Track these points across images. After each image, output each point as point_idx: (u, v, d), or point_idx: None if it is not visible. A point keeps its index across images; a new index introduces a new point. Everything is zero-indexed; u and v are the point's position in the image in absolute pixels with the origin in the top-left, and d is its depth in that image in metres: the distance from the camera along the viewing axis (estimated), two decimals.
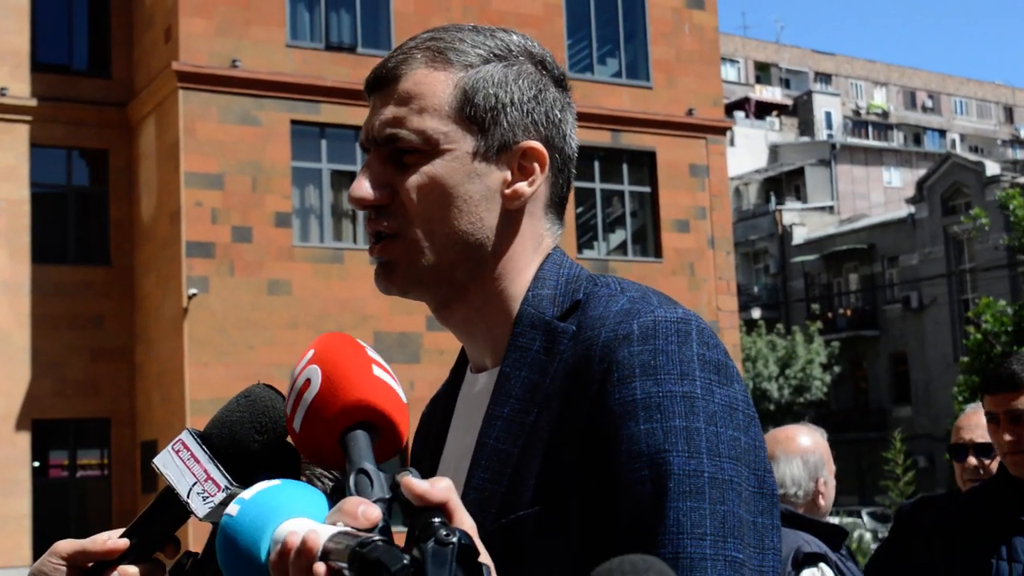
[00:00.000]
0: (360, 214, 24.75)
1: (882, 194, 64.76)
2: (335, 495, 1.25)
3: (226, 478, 1.44)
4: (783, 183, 63.56)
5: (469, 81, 1.60)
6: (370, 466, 1.25)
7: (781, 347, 47.02)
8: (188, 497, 1.44)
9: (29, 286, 24.62)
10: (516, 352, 1.57)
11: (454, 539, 1.11)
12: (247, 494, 1.24)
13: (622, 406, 1.44)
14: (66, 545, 1.48)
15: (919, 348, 51.22)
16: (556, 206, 1.67)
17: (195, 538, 16.68)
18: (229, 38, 23.61)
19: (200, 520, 1.46)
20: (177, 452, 1.46)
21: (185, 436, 1.47)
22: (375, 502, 1.19)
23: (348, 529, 1.15)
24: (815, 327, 48.41)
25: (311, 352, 1.37)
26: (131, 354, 25.16)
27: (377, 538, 1.11)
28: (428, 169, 1.59)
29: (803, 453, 4.09)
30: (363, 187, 1.62)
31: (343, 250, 24.25)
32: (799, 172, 63.41)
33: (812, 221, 57.60)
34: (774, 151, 68.00)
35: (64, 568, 1.47)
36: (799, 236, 55.96)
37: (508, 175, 1.61)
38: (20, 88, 25.06)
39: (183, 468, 1.46)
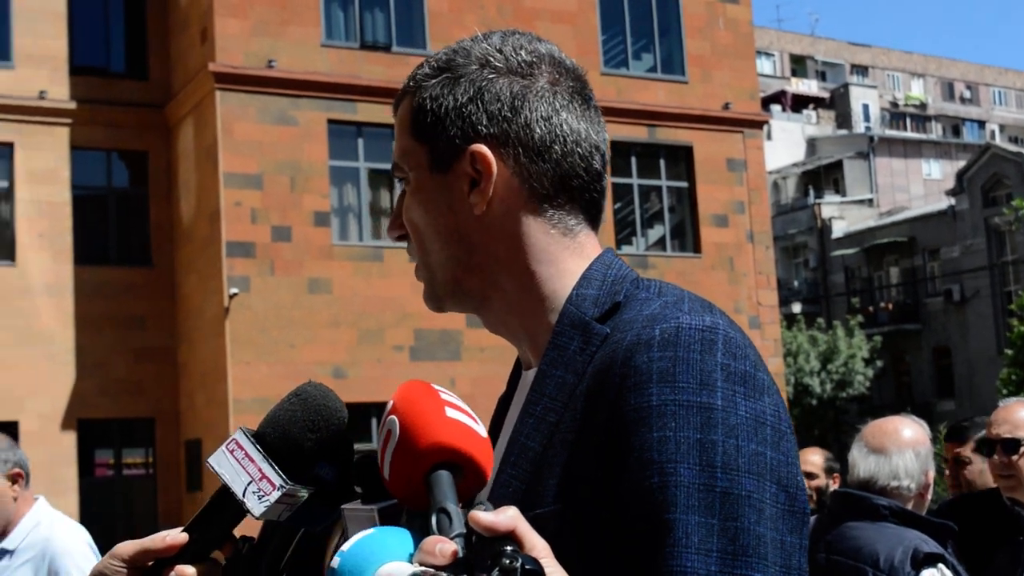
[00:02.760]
0: None
1: (922, 186, 64.30)
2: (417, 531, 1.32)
3: (280, 476, 1.47)
4: (821, 176, 63.18)
5: (418, 99, 1.65)
6: (450, 504, 1.29)
7: (822, 342, 46.79)
8: (244, 496, 1.47)
9: (72, 287, 24.83)
10: (554, 351, 1.57)
11: (517, 564, 1.17)
12: (345, 546, 1.29)
13: (636, 412, 1.41)
14: (127, 547, 1.49)
15: (962, 341, 50.86)
16: (552, 196, 1.63)
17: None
18: (265, 38, 23.73)
19: (256, 519, 1.48)
20: (231, 452, 1.49)
21: (239, 435, 1.50)
22: (453, 538, 1.24)
23: (427, 569, 1.21)
24: (856, 321, 48.13)
25: (390, 404, 1.41)
26: (174, 354, 25.33)
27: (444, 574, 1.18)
28: (409, 192, 1.66)
29: (914, 445, 4.01)
30: (390, 221, 1.71)
31: (382, 248, 24.31)
32: (837, 165, 63.01)
33: (851, 214, 57.25)
34: (812, 144, 67.63)
35: (125, 570, 1.49)
36: (839, 230, 55.63)
37: (466, 183, 1.61)
38: (59, 91, 25.28)
39: (238, 467, 1.48)
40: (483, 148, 1.60)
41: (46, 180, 24.92)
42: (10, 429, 23.55)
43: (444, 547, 1.20)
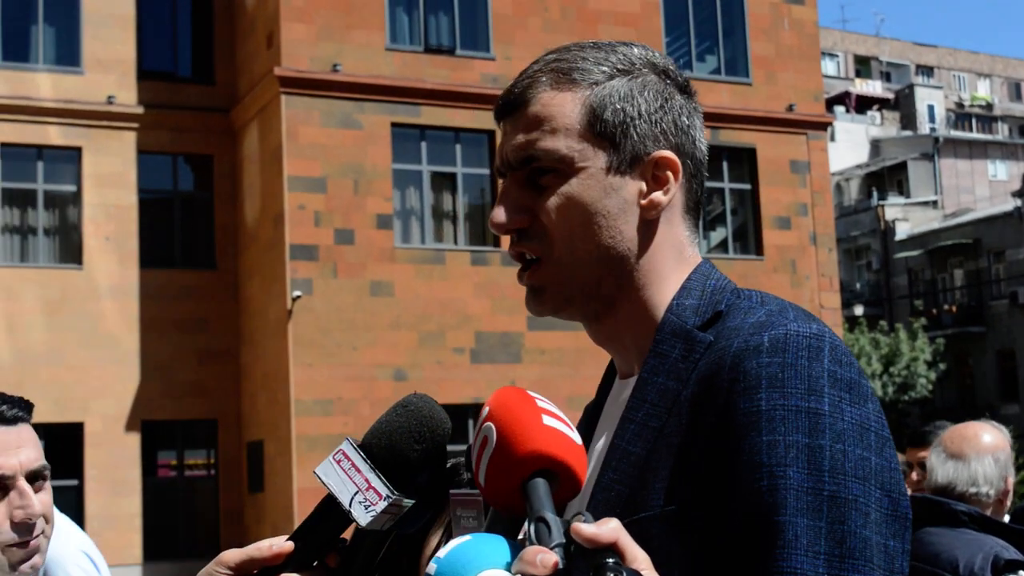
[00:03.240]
0: (460, 213, 24.92)
1: (987, 188, 63.60)
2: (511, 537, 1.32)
3: (387, 487, 1.47)
4: (885, 178, 62.65)
5: (596, 98, 1.63)
6: (548, 513, 1.29)
7: (885, 344, 46.41)
8: (350, 506, 1.47)
9: (137, 290, 25.08)
10: (655, 359, 1.59)
11: None
12: (441, 553, 1.31)
13: (746, 416, 1.44)
14: (233, 555, 1.50)
15: None
16: (692, 211, 1.69)
17: None
18: (330, 42, 23.84)
19: (363, 528, 1.48)
20: (338, 462, 1.49)
21: (345, 446, 1.51)
22: (552, 548, 1.23)
23: None
24: (919, 324, 47.71)
25: (486, 410, 1.42)
26: (236, 356, 25.51)
27: None
28: (565, 189, 1.62)
29: (994, 451, 3.97)
30: (501, 212, 1.66)
31: (444, 251, 24.37)
32: (901, 167, 62.46)
33: (915, 216, 56.73)
34: (875, 145, 67.10)
35: None
36: (902, 231, 55.14)
37: (643, 186, 1.64)
38: (127, 96, 25.53)
39: (344, 478, 1.49)
40: (672, 155, 1.65)
41: (113, 184, 25.18)
42: (75, 430, 23.88)
43: (545, 558, 1.21)
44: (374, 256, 23.67)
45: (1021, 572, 3.62)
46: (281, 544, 1.50)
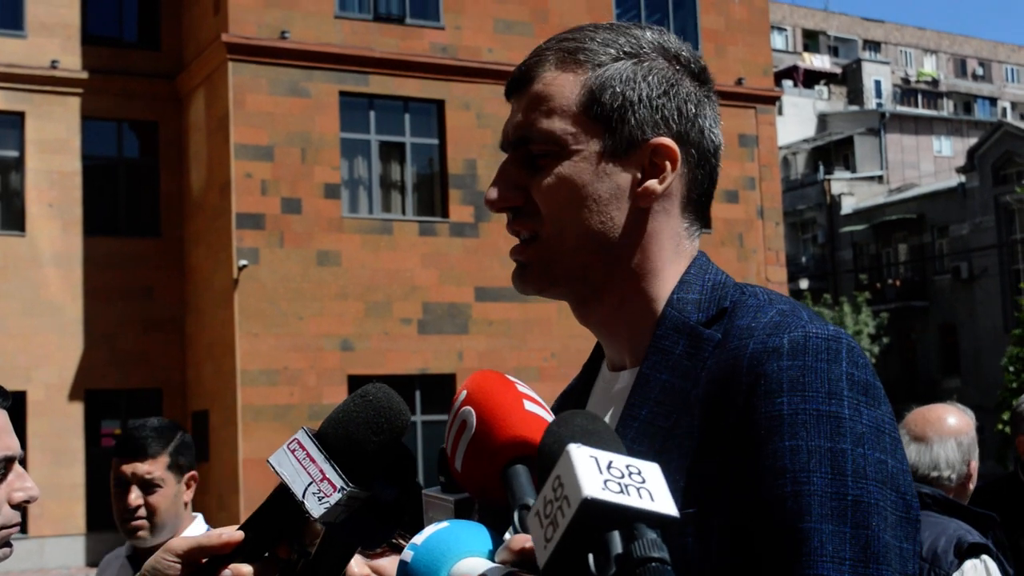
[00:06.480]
0: (409, 183, 24.82)
1: (932, 163, 64.10)
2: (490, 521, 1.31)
3: (342, 478, 1.43)
4: (832, 152, 63.00)
5: (596, 80, 1.61)
6: (531, 500, 1.28)
7: (829, 318, 46.77)
8: (303, 497, 1.43)
9: (81, 257, 24.83)
10: (657, 355, 1.57)
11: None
12: (418, 539, 1.29)
13: (768, 420, 1.43)
14: (181, 543, 1.47)
15: (969, 319, 50.79)
16: (695, 204, 1.66)
17: None
18: (278, 9, 23.62)
19: (315, 521, 1.44)
20: (293, 451, 1.45)
21: (301, 435, 1.46)
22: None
23: (512, 569, 1.21)
24: (863, 298, 48.10)
25: (464, 393, 1.40)
26: (181, 325, 25.34)
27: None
28: (558, 170, 1.60)
29: (956, 434, 3.96)
30: (494, 190, 1.64)
31: (392, 221, 24.28)
32: (848, 141, 62.83)
33: (861, 191, 57.11)
34: (823, 120, 67.44)
35: (179, 566, 1.46)
36: (848, 206, 55.50)
37: (638, 173, 1.60)
38: (71, 61, 25.21)
39: (298, 467, 1.44)
40: (672, 143, 1.60)
41: (57, 150, 24.88)
42: (17, 399, 23.61)
43: (530, 548, 1.20)
44: (321, 226, 23.54)
45: (984, 556, 3.62)
46: (231, 534, 1.47)
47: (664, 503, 1.15)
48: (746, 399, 1.45)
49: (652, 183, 1.60)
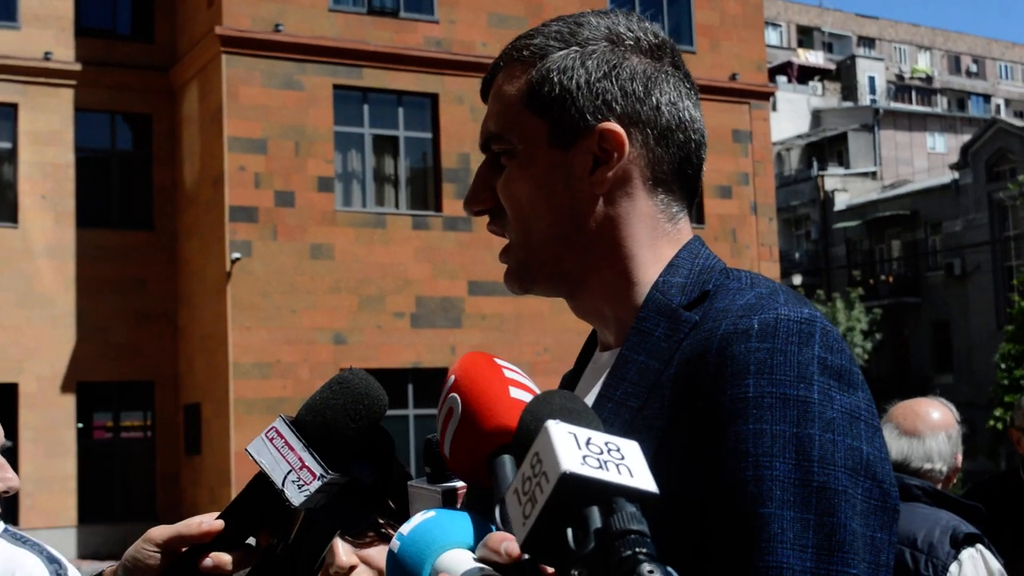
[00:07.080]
0: (402, 177, 24.81)
1: (926, 160, 64.14)
2: (476, 506, 1.30)
3: (321, 466, 1.43)
4: (825, 148, 63.03)
5: (536, 74, 1.60)
6: None
7: (822, 313, 46.79)
8: (283, 485, 1.43)
9: (74, 250, 24.79)
10: (637, 336, 1.54)
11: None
12: (405, 529, 1.28)
13: (733, 403, 1.39)
14: (160, 531, 1.47)
15: (961, 315, 50.84)
16: (667, 182, 1.61)
17: None
18: (272, 2, 23.59)
19: (295, 508, 1.44)
20: (271, 440, 1.45)
21: (278, 423, 1.46)
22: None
23: (488, 569, 1.20)
24: (856, 294, 48.14)
25: (452, 379, 1.39)
26: (174, 318, 25.31)
27: None
28: (513, 167, 1.60)
29: (946, 428, 3.99)
30: (468, 192, 1.64)
31: (385, 214, 24.26)
32: (842, 137, 62.86)
33: (854, 187, 57.12)
34: (816, 116, 67.45)
35: (158, 555, 1.46)
36: (841, 202, 55.52)
37: (590, 161, 1.58)
38: (65, 53, 25.17)
39: (277, 456, 1.44)
40: (616, 127, 1.57)
41: (49, 142, 24.84)
42: (9, 391, 23.60)
43: (510, 547, 1.18)
44: (314, 219, 23.52)
45: (979, 545, 3.62)
46: (211, 522, 1.47)
47: (643, 479, 1.13)
48: (713, 381, 1.42)
49: (603, 169, 1.58)
